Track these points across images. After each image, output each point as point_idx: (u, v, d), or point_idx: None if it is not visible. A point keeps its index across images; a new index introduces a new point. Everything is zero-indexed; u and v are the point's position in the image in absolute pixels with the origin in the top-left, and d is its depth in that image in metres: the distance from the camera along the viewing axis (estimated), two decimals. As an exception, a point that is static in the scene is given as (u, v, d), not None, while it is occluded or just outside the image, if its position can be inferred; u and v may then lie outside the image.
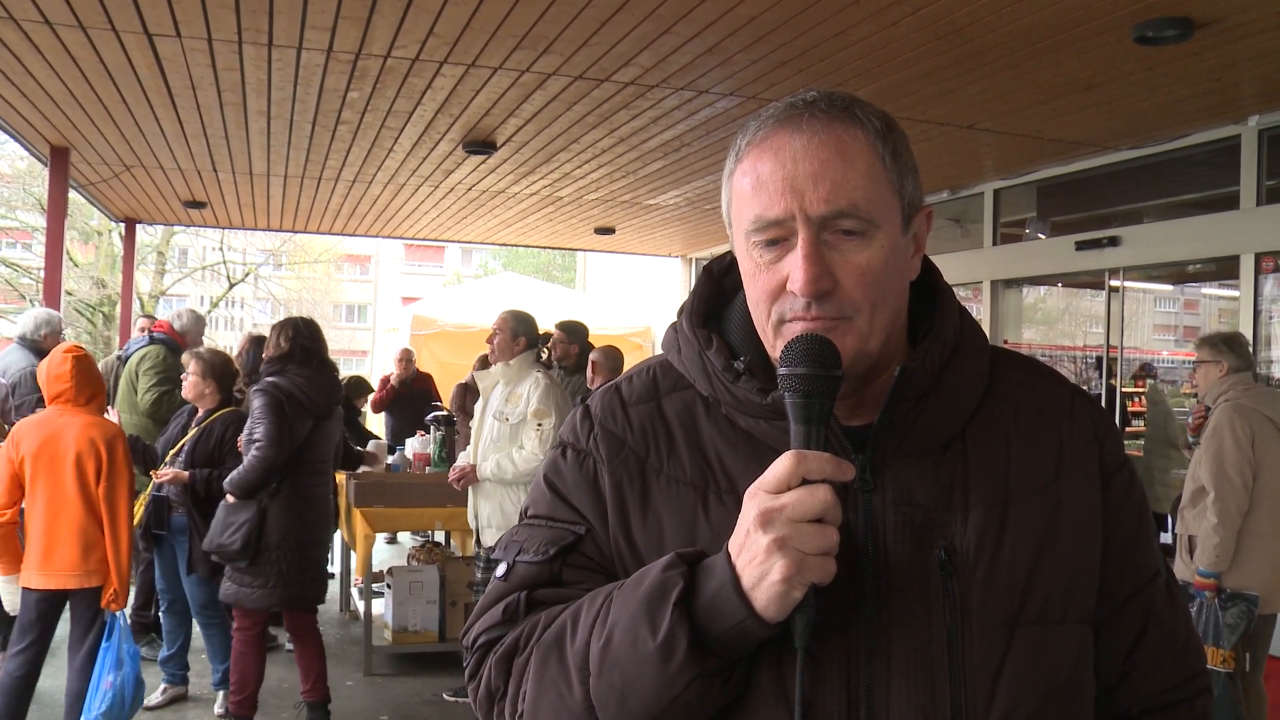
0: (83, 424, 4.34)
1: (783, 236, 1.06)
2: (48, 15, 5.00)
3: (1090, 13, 4.56)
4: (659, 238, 12.28)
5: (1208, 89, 5.71)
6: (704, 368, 1.15)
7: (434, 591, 6.21)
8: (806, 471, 0.95)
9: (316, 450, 4.83)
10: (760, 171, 1.07)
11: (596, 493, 1.16)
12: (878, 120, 1.08)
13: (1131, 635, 1.18)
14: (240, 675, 4.73)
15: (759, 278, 1.08)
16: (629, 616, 1.00)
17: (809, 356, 1.00)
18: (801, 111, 1.07)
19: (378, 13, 4.84)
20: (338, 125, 7.12)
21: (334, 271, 38.20)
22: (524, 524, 1.21)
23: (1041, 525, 1.10)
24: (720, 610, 0.97)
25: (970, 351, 1.15)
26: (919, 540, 1.06)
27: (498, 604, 1.15)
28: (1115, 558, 1.15)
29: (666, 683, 0.97)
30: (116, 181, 9.48)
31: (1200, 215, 7.01)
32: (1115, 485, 1.17)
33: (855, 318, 1.05)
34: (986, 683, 1.04)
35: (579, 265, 20.05)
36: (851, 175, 1.04)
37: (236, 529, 4.59)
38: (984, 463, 1.11)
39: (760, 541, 0.94)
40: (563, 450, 1.22)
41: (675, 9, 4.69)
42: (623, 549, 1.13)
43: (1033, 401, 1.18)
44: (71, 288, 22.97)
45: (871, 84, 5.71)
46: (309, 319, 5.08)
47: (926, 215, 1.15)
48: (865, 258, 1.05)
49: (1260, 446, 4.40)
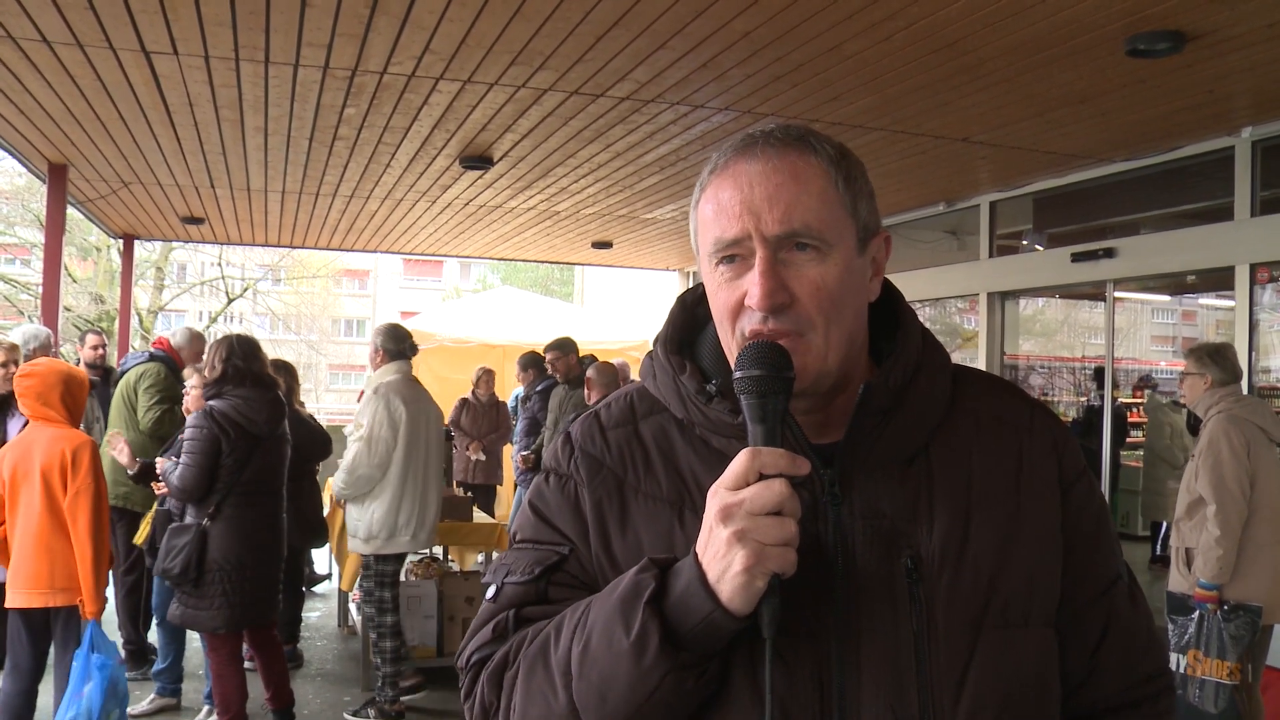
0: (50, 437, 4.30)
1: (741, 255, 1.12)
2: (45, 33, 5.02)
3: (1083, 26, 4.59)
4: (656, 252, 12.31)
5: (1201, 101, 5.73)
6: (678, 391, 1.21)
7: (432, 606, 6.20)
8: (762, 466, 1.00)
9: (259, 470, 4.77)
10: (720, 198, 1.14)
11: (578, 513, 1.21)
12: (831, 149, 1.15)
13: (1094, 637, 1.22)
14: (222, 696, 4.72)
15: (720, 295, 1.15)
16: (605, 618, 1.05)
17: (759, 359, 1.06)
18: (758, 141, 1.15)
19: (374, 29, 4.86)
20: (335, 141, 7.14)
21: (332, 286, 38.19)
22: (513, 548, 1.26)
23: (1003, 533, 1.15)
24: (689, 606, 1.01)
25: (932, 369, 1.20)
26: (886, 549, 1.11)
27: (488, 624, 1.20)
28: (1076, 564, 1.20)
29: (641, 678, 1.02)
30: (114, 198, 9.50)
31: (1195, 226, 7.03)
32: (1074, 494, 1.22)
33: (810, 334, 1.11)
34: (952, 684, 1.09)
35: (577, 279, 20.07)
36: (804, 198, 1.11)
37: (177, 553, 4.58)
38: (947, 474, 1.16)
39: (721, 535, 0.99)
40: (546, 476, 1.28)
41: (670, 24, 4.71)
42: (604, 565, 1.18)
43: (993, 415, 1.23)
44: (70, 303, 22.98)
45: (866, 98, 5.73)
46: (244, 337, 5.00)
47: (884, 239, 1.21)
48: (819, 273, 1.11)
49: (1255, 455, 4.42)
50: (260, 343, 5.06)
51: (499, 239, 11.48)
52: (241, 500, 4.70)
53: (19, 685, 4.33)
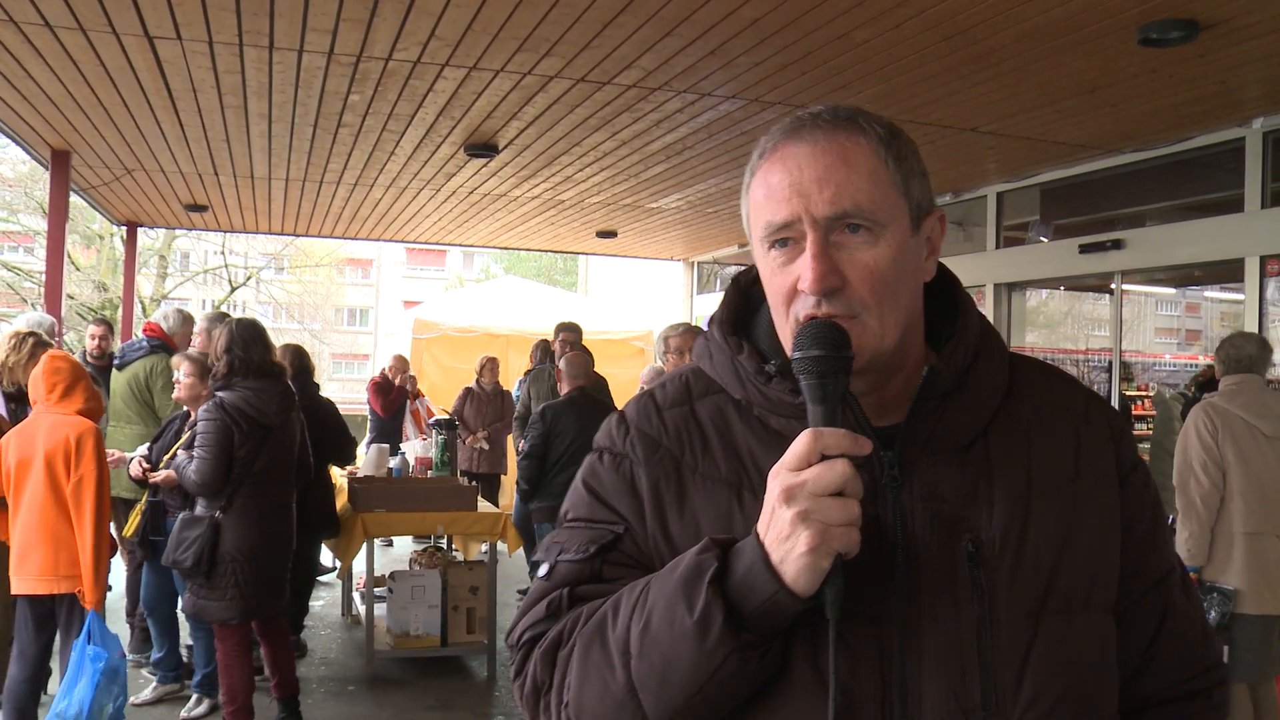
0: (54, 423, 4.28)
1: (793, 238, 1.12)
2: (48, 18, 4.99)
3: (1095, 14, 4.54)
4: (661, 241, 12.27)
5: (1213, 91, 5.69)
6: (736, 372, 1.20)
7: (436, 596, 6.18)
8: (824, 447, 1.00)
9: (270, 461, 4.75)
10: (770, 181, 1.13)
11: (633, 493, 1.20)
12: (881, 128, 1.14)
13: (1151, 627, 1.23)
14: (229, 687, 4.70)
15: (775, 279, 1.14)
16: (666, 598, 1.05)
17: (818, 339, 1.05)
18: (806, 123, 1.14)
19: (379, 15, 4.83)
20: (339, 128, 7.11)
21: (336, 275, 38.17)
22: (564, 527, 1.25)
23: (1063, 520, 1.15)
24: (752, 586, 1.01)
25: (991, 355, 1.20)
26: (947, 533, 1.11)
27: (541, 601, 1.19)
28: (1134, 552, 1.20)
29: (704, 658, 1.01)
30: (118, 185, 9.47)
31: (1205, 218, 6.98)
32: (1131, 482, 1.22)
33: (864, 315, 1.09)
34: (1014, 669, 1.09)
35: (581, 269, 20.06)
36: (854, 178, 1.10)
37: (189, 545, 4.55)
38: (1006, 460, 1.16)
39: (784, 516, 0.99)
40: (599, 455, 1.26)
41: (678, 11, 4.67)
42: (660, 545, 1.17)
43: (1050, 404, 1.23)
44: (73, 291, 22.98)
45: (874, 86, 5.69)
46: (244, 322, 4.90)
47: (939, 218, 1.20)
48: (872, 256, 1.09)
49: (1229, 443, 4.43)
50: (263, 326, 4.98)
51: (503, 228, 11.44)
52: (254, 491, 4.68)
53: (25, 672, 4.32)
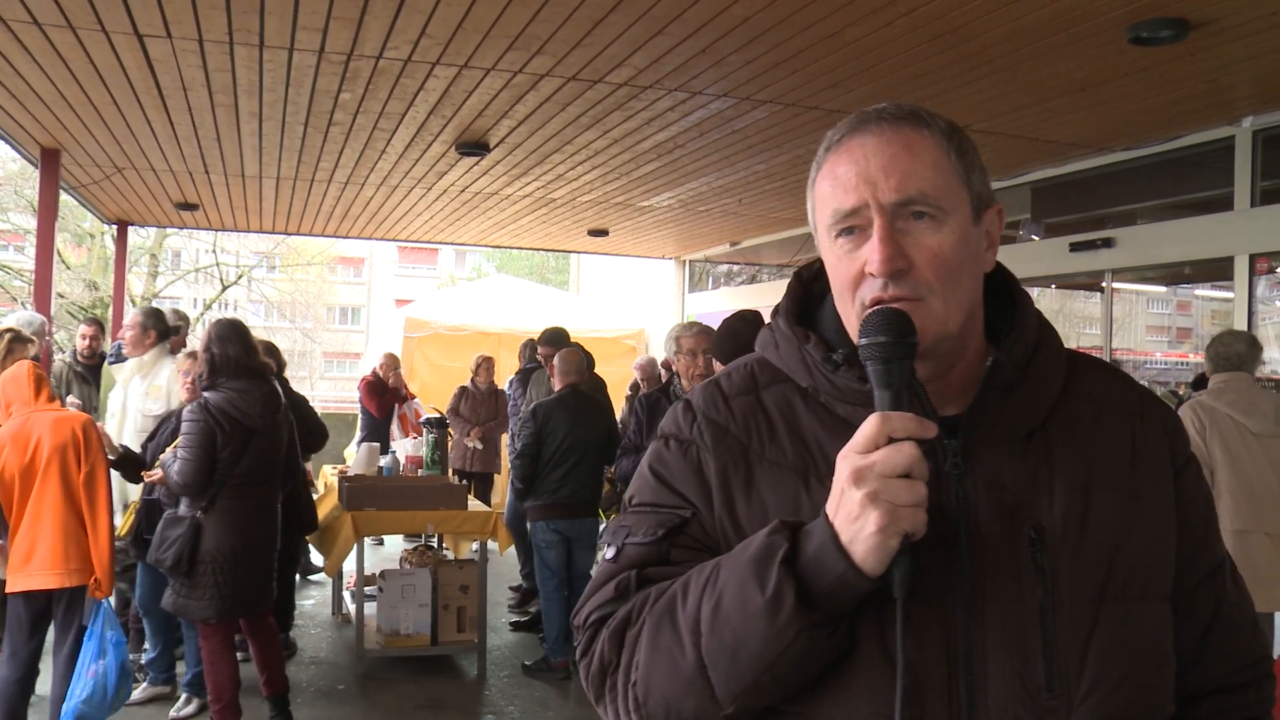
0: (54, 419, 4.32)
1: (859, 226, 1.16)
2: (36, 15, 4.96)
3: (1085, 13, 4.55)
4: (652, 240, 12.27)
5: (1202, 90, 5.70)
6: (804, 361, 1.24)
7: (426, 595, 6.17)
8: (891, 430, 1.03)
9: (254, 462, 4.73)
10: (837, 172, 1.18)
11: (701, 478, 1.23)
12: (943, 123, 1.20)
13: (1205, 618, 1.27)
14: (214, 685, 4.70)
15: (841, 267, 1.18)
16: (738, 578, 1.08)
17: (884, 326, 1.08)
18: (871, 118, 1.19)
19: (369, 13, 4.82)
20: (330, 127, 7.09)
21: (327, 274, 38.07)
22: (630, 511, 1.28)
23: (1121, 510, 1.19)
24: (822, 566, 1.04)
25: (1049, 350, 1.25)
26: (1009, 520, 1.14)
27: (609, 583, 1.22)
28: (1188, 544, 1.25)
29: (775, 636, 1.04)
30: (108, 183, 9.44)
31: (1195, 216, 7.00)
32: (1186, 476, 1.27)
33: (930, 298, 1.13)
34: (1076, 652, 1.12)
35: (573, 267, 20.04)
36: (919, 167, 1.14)
37: (170, 544, 4.56)
38: (1065, 452, 1.20)
39: (854, 497, 1.02)
40: (665, 441, 1.30)
41: (668, 10, 4.67)
42: (728, 530, 1.20)
43: (1106, 398, 1.28)
44: (64, 290, 22.89)
45: (865, 85, 5.69)
46: (222, 321, 4.88)
47: (998, 212, 1.25)
48: (937, 241, 1.14)
49: (1215, 442, 4.48)
50: (243, 324, 4.95)
51: (495, 226, 11.43)
52: (236, 492, 4.67)
53: (16, 673, 4.31)
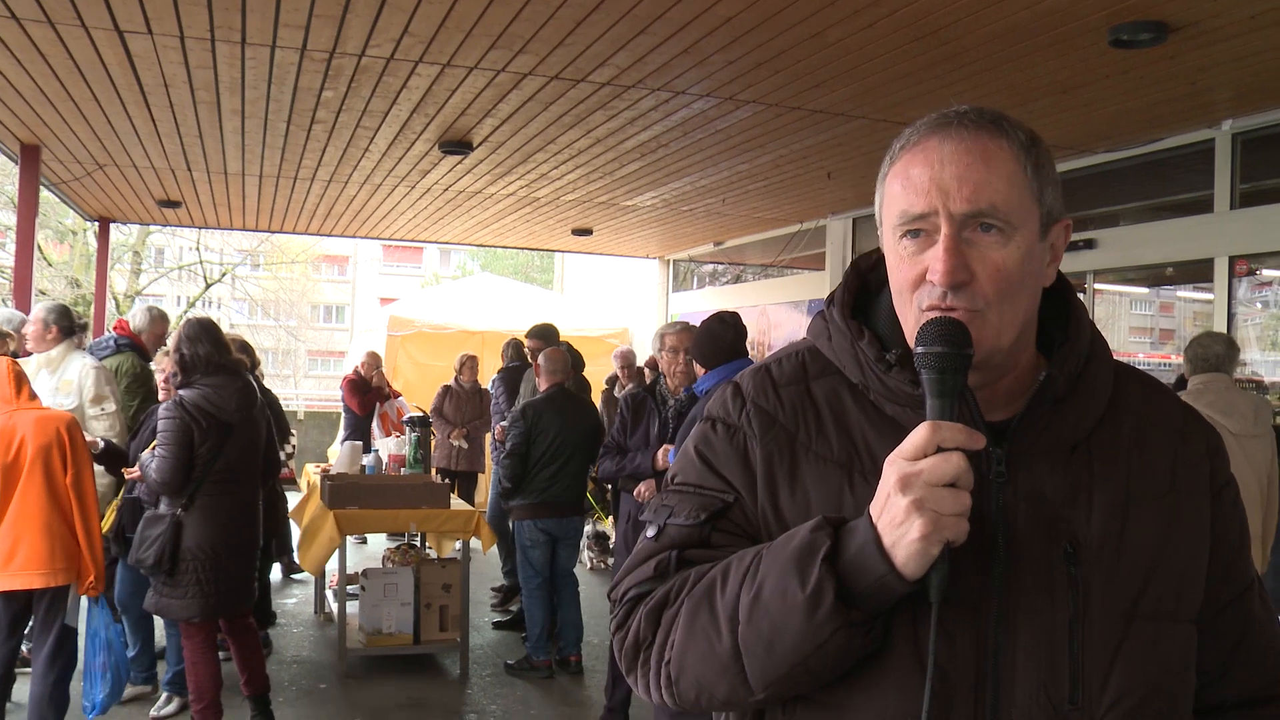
0: (37, 418, 4.26)
1: (926, 230, 1.15)
2: (14, 9, 4.93)
3: (1066, 15, 4.57)
4: (636, 239, 12.27)
5: (1182, 93, 5.74)
6: (856, 357, 1.24)
7: (409, 594, 6.16)
8: (941, 440, 1.04)
9: (232, 458, 4.72)
10: (910, 173, 1.16)
11: (746, 465, 1.24)
12: (1024, 134, 1.18)
13: (1232, 639, 1.28)
14: (196, 684, 4.68)
15: (902, 268, 1.17)
16: (779, 571, 1.09)
17: (942, 336, 1.08)
18: (952, 121, 1.17)
19: (352, 11, 4.80)
20: (313, 125, 7.07)
21: (312, 272, 37.90)
22: (672, 490, 1.29)
23: (1159, 527, 1.19)
24: (863, 566, 1.05)
25: (1100, 362, 1.25)
26: (1046, 532, 1.15)
27: (649, 561, 1.24)
28: (1221, 565, 1.25)
29: (813, 631, 1.06)
30: (89, 180, 9.38)
31: (1175, 218, 7.05)
32: (1224, 498, 1.27)
33: (986, 311, 1.13)
34: (1102, 667, 1.13)
35: (557, 266, 20.02)
36: (994, 180, 1.13)
37: (151, 543, 4.54)
38: (1106, 468, 1.20)
39: (900, 503, 1.03)
40: (712, 424, 1.30)
41: (651, 9, 4.67)
42: (770, 518, 1.22)
43: (1150, 415, 1.27)
44: (45, 287, 22.77)
45: (847, 86, 5.71)
46: (192, 321, 4.85)
47: (1065, 227, 1.23)
48: (1002, 256, 1.13)
49: None
50: (213, 322, 4.93)
51: (479, 225, 11.41)
52: (215, 489, 4.65)
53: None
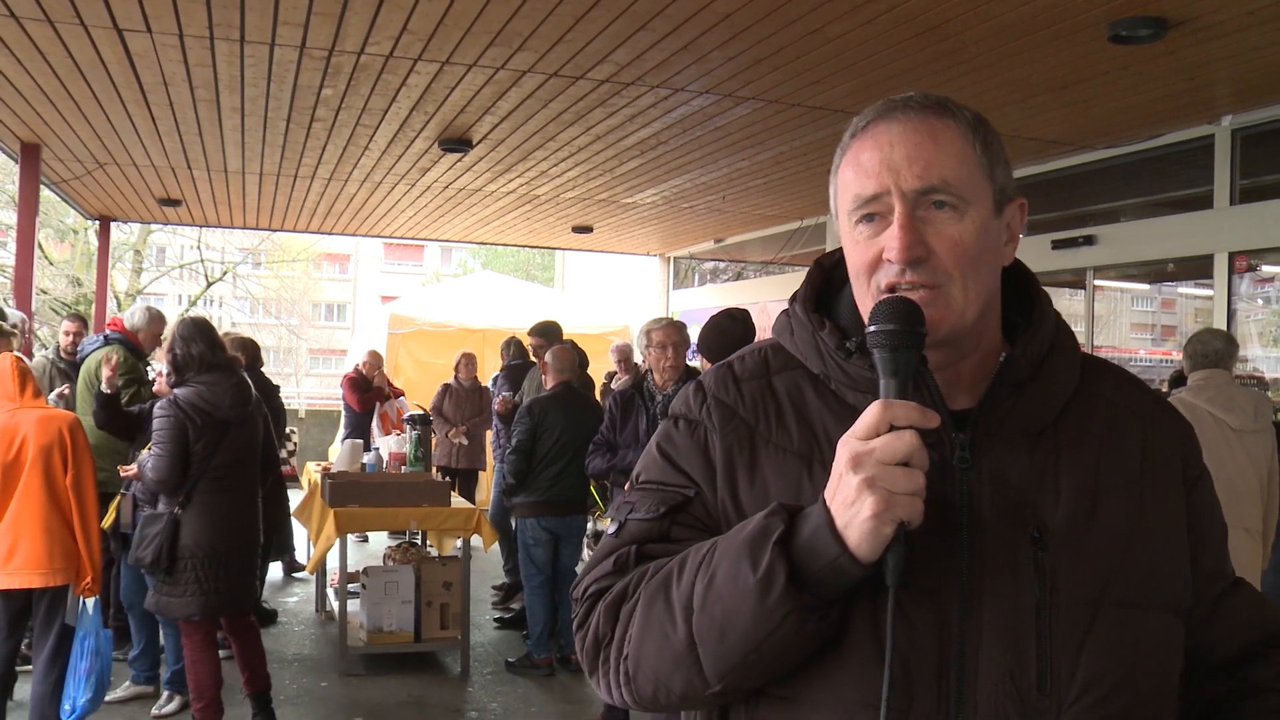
0: (39, 417, 4.25)
1: (880, 213, 1.15)
2: (13, 8, 4.93)
3: (1066, 11, 4.57)
4: (636, 236, 12.27)
5: (1182, 89, 5.74)
6: (817, 347, 1.24)
7: (409, 591, 6.16)
8: (893, 418, 1.03)
9: (230, 456, 4.70)
10: (860, 159, 1.18)
11: (706, 459, 1.24)
12: (969, 114, 1.20)
13: (1242, 615, 1.28)
14: (196, 683, 4.67)
15: (858, 251, 1.18)
16: (731, 556, 1.08)
17: (894, 314, 1.08)
18: (898, 105, 1.19)
19: (350, 8, 4.80)
20: (312, 123, 7.07)
21: (313, 270, 37.90)
22: (636, 488, 1.29)
23: (1128, 516, 1.18)
24: (816, 549, 1.04)
25: (1065, 350, 1.24)
26: (1012, 517, 1.14)
27: (609, 557, 1.23)
28: (1206, 558, 1.25)
29: (764, 615, 1.04)
30: (90, 179, 9.39)
31: (1175, 214, 7.05)
32: (1200, 489, 1.26)
33: (948, 285, 1.13)
34: (1071, 655, 1.11)
35: (558, 264, 20.03)
36: (943, 157, 1.14)
37: (149, 541, 4.53)
38: (1074, 454, 1.19)
39: (851, 482, 1.02)
40: (675, 421, 1.30)
41: (650, 6, 4.67)
42: (729, 510, 1.21)
43: (1119, 404, 1.26)
44: (46, 286, 22.76)
45: (847, 82, 5.71)
46: (186, 320, 4.85)
47: (1019, 205, 1.23)
48: (957, 230, 1.13)
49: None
50: (206, 321, 4.93)
51: (479, 223, 11.41)
52: (213, 486, 4.64)
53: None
